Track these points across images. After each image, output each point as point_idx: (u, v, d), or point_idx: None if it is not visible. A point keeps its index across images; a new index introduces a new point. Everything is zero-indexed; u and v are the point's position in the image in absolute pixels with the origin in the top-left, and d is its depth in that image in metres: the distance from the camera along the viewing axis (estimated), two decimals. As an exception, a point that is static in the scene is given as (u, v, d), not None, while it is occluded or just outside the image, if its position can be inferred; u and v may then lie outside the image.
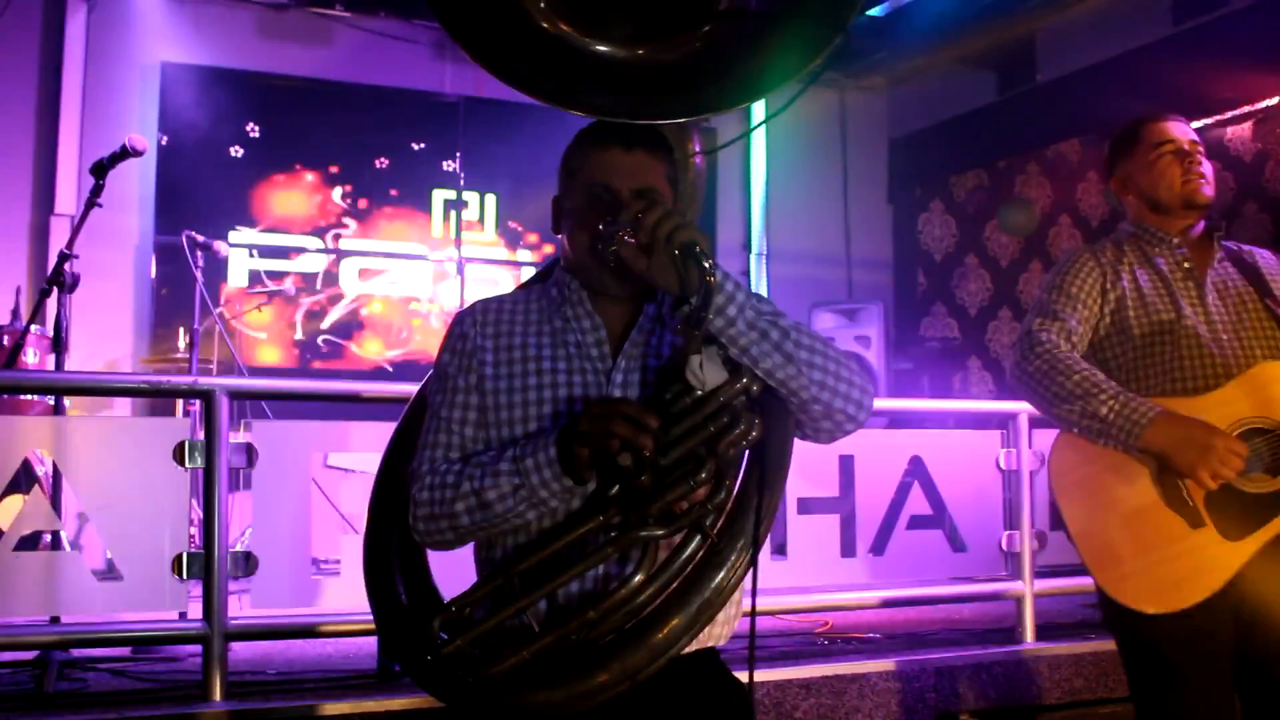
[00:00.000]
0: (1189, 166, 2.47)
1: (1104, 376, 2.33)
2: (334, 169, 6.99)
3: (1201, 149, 2.52)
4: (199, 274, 5.26)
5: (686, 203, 1.91)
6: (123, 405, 5.94)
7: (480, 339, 1.74)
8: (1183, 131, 2.52)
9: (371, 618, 3.12)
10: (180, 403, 5.14)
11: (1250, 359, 2.35)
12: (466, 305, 1.83)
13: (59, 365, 3.69)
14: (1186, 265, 2.47)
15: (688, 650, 1.60)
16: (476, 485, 1.60)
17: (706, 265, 1.52)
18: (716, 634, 1.72)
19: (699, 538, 1.55)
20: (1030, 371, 2.38)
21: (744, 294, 1.59)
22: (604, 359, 1.70)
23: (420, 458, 1.71)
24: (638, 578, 1.52)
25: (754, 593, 1.60)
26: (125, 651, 3.37)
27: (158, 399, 5.27)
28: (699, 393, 1.55)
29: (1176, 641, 2.23)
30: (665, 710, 1.63)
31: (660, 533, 1.52)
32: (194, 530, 4.32)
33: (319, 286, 6.94)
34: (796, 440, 1.69)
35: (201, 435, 3.03)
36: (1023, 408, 3.76)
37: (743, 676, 1.68)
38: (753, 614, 1.60)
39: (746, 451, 1.60)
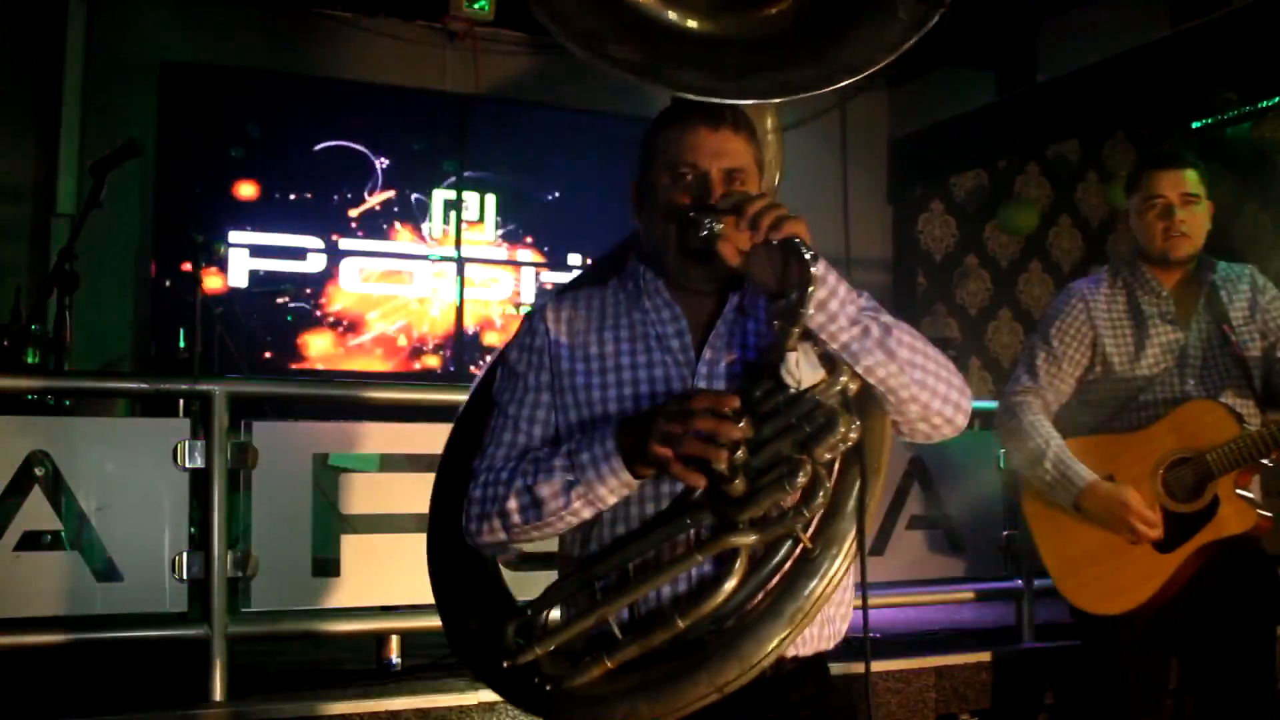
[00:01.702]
0: (1170, 224, 2.74)
1: (1053, 443, 2.73)
2: (334, 169, 6.98)
3: (1194, 198, 2.75)
4: (199, 274, 5.27)
5: (770, 185, 1.82)
6: (123, 405, 5.94)
7: (554, 335, 1.65)
8: (1175, 184, 2.75)
9: (369, 617, 3.14)
10: (180, 403, 5.13)
11: (1198, 396, 2.72)
12: (538, 302, 1.77)
13: (59, 365, 3.69)
14: (1170, 315, 2.78)
15: (793, 655, 1.54)
16: (529, 481, 1.51)
17: (809, 258, 1.43)
18: (826, 635, 1.63)
19: (791, 543, 1.47)
20: (1004, 429, 2.87)
21: (845, 288, 1.51)
22: (686, 351, 1.61)
23: (483, 455, 1.63)
24: (729, 585, 1.44)
25: (864, 594, 1.52)
26: (125, 652, 3.36)
27: (157, 399, 5.26)
28: (793, 391, 1.46)
29: (1125, 641, 2.68)
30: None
31: (752, 539, 1.44)
32: (194, 530, 4.32)
33: (319, 287, 6.94)
34: None
35: (201, 436, 3.03)
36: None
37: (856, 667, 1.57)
38: (864, 610, 1.52)
39: (843, 453, 1.50)
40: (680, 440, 1.40)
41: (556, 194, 7.36)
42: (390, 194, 7.10)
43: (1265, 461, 2.60)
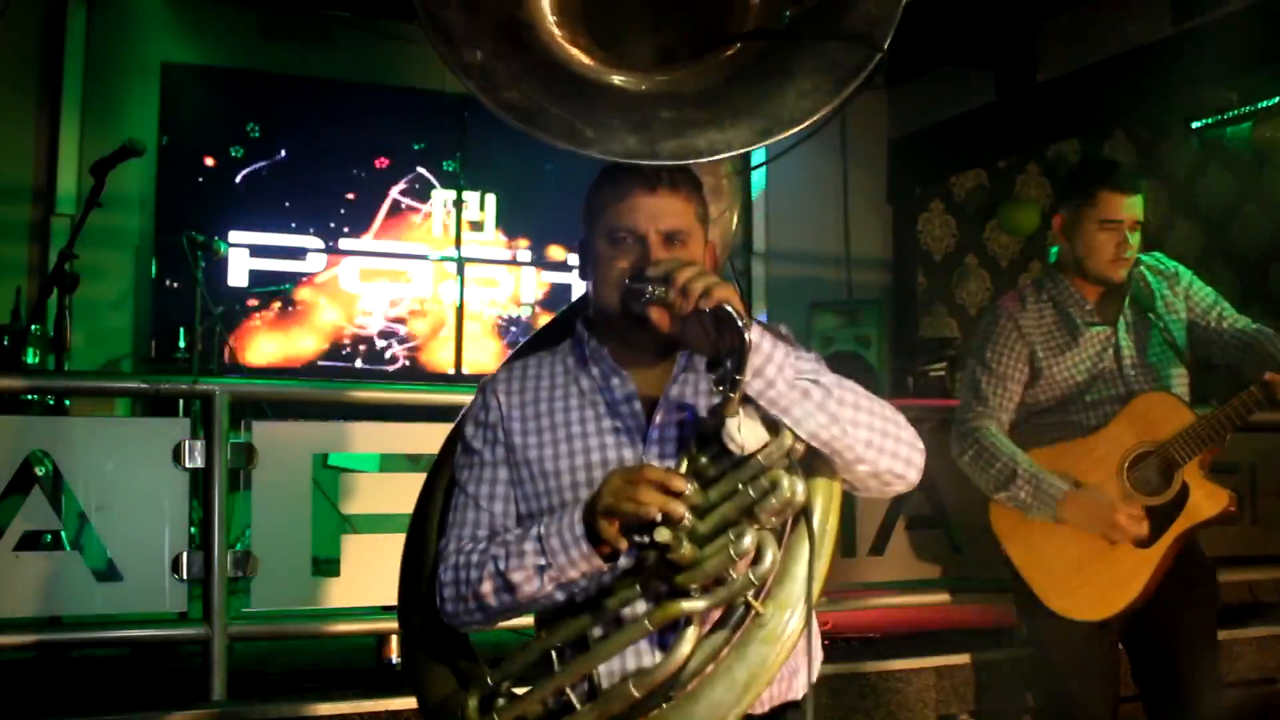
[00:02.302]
0: (1120, 250, 2.76)
1: (1019, 460, 2.72)
2: (334, 169, 6.98)
3: (1139, 225, 2.79)
4: (199, 274, 5.27)
5: (724, 245, 1.80)
6: (123, 405, 5.94)
7: (506, 408, 1.66)
8: (1131, 209, 2.77)
9: (369, 617, 3.14)
10: (180, 403, 5.14)
11: (1151, 389, 2.75)
12: (487, 378, 1.75)
13: (59, 365, 3.69)
14: (1096, 317, 2.81)
15: (763, 710, 1.56)
16: (501, 566, 1.53)
17: (741, 325, 1.42)
18: (796, 686, 1.64)
19: (744, 609, 1.47)
20: (965, 462, 2.85)
21: (783, 352, 1.50)
22: (636, 417, 1.62)
23: (448, 537, 1.66)
24: (681, 653, 1.45)
25: (809, 658, 1.53)
26: (125, 651, 3.37)
27: (158, 399, 5.27)
28: (737, 455, 1.46)
29: (1085, 639, 2.70)
30: None
31: (701, 605, 1.44)
32: (194, 530, 4.32)
33: (319, 287, 6.94)
34: None
35: (201, 436, 3.04)
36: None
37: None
38: (810, 685, 1.55)
39: (791, 516, 1.50)
40: (630, 495, 1.43)
41: (556, 194, 7.36)
42: (390, 194, 7.11)
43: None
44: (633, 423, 1.61)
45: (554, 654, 1.53)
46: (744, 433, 1.44)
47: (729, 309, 1.43)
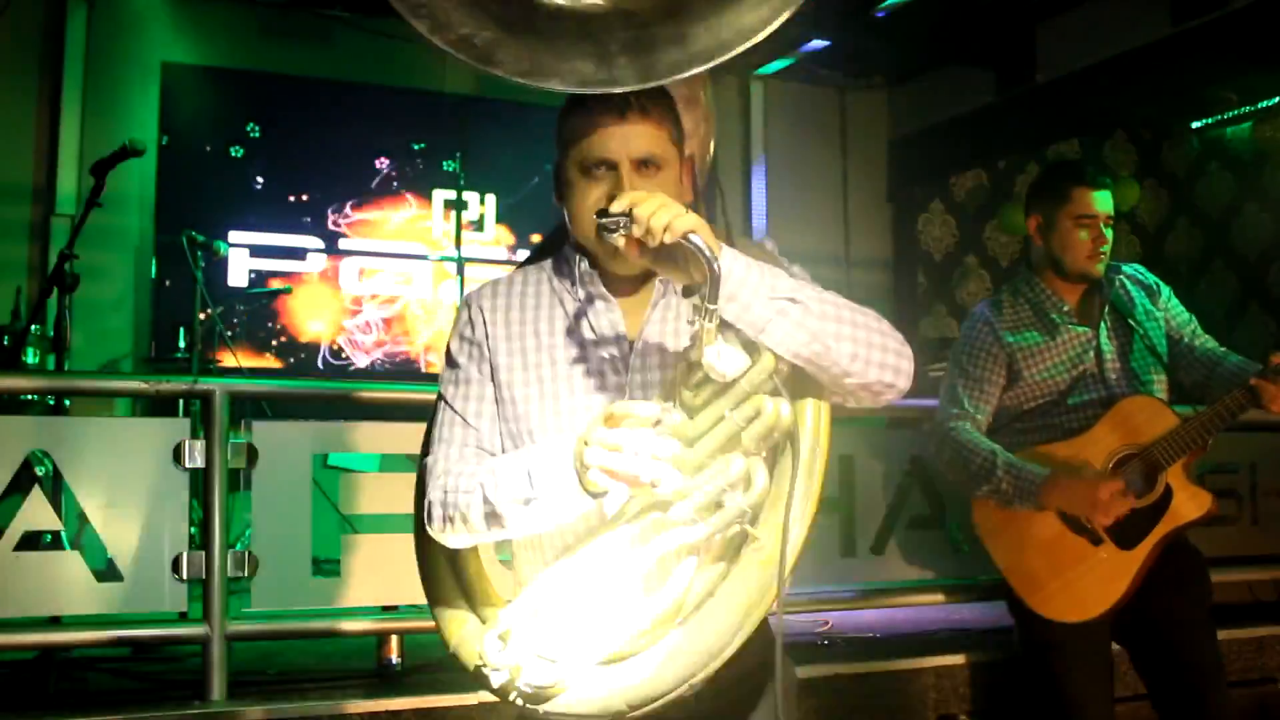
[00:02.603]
0: (1097, 244, 2.80)
1: (998, 453, 2.72)
2: (334, 169, 6.98)
3: (1113, 220, 2.83)
4: (199, 274, 5.27)
5: (701, 157, 1.76)
6: (123, 405, 5.94)
7: (490, 325, 1.66)
8: (1103, 204, 2.81)
9: (369, 617, 3.13)
10: (180, 403, 5.14)
11: (1134, 393, 2.76)
12: (473, 289, 1.73)
13: (59, 365, 3.69)
14: (1078, 322, 2.83)
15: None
16: (490, 495, 1.52)
17: (708, 255, 1.40)
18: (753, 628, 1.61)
19: (739, 534, 1.47)
20: (944, 461, 2.85)
21: (756, 273, 1.47)
22: (620, 342, 1.62)
23: (435, 453, 1.64)
24: (681, 581, 1.47)
25: (780, 578, 1.47)
26: (125, 651, 3.37)
27: (158, 399, 5.27)
28: (720, 381, 1.44)
29: (1076, 640, 2.69)
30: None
31: (697, 530, 1.44)
32: (194, 530, 4.32)
33: (318, 286, 6.94)
34: None
35: (201, 435, 3.03)
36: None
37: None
38: (779, 588, 1.48)
39: (779, 439, 1.48)
40: (611, 460, 1.40)
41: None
42: (390, 194, 7.11)
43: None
44: (616, 350, 1.61)
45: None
46: (724, 360, 1.43)
47: (694, 240, 1.40)
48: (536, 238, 7.30)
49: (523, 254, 7.30)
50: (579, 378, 1.60)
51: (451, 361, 1.68)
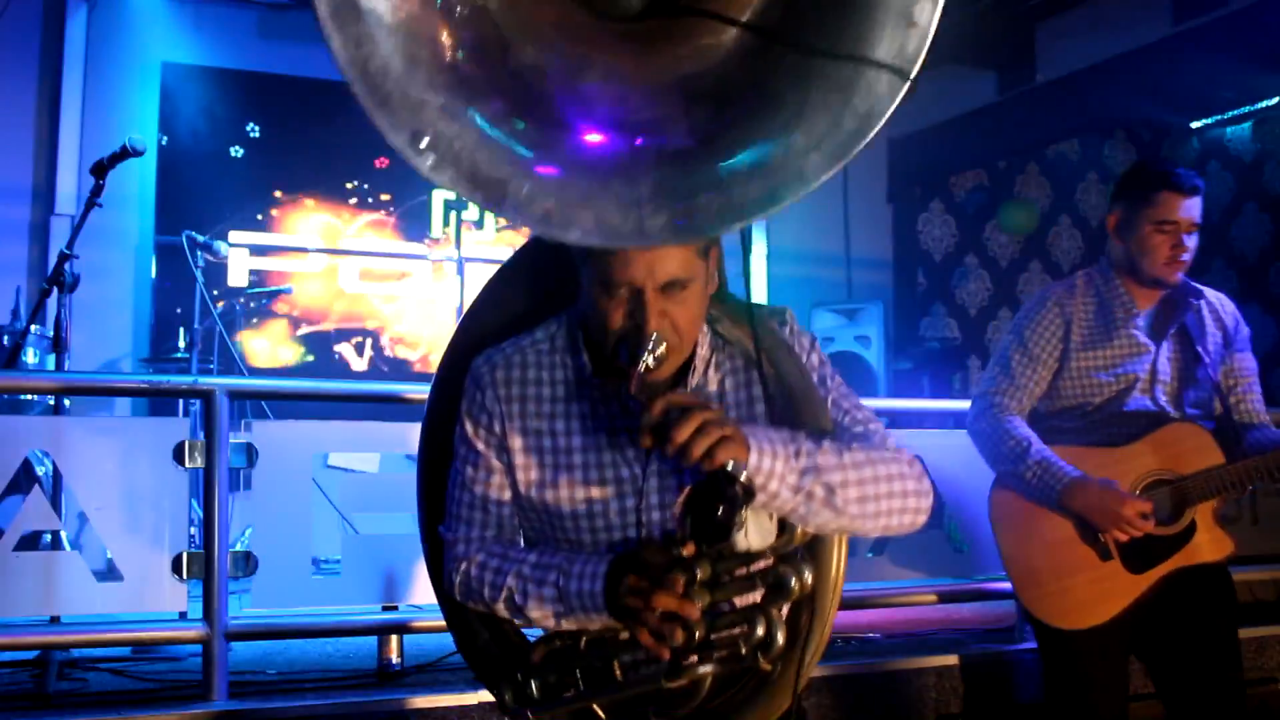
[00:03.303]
0: (1176, 252, 2.68)
1: (1034, 441, 2.66)
2: (333, 169, 6.98)
3: (1198, 226, 2.71)
4: (199, 274, 5.27)
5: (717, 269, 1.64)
6: (123, 405, 5.94)
7: (505, 420, 1.61)
8: (1189, 211, 2.68)
9: (370, 617, 3.13)
10: (180, 403, 5.13)
11: (1180, 416, 2.68)
12: (481, 359, 1.65)
13: (59, 365, 3.69)
14: (1143, 326, 2.73)
15: None
16: (519, 601, 1.57)
17: (744, 487, 1.39)
18: None
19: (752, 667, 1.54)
20: (978, 431, 2.79)
21: (782, 461, 1.47)
22: (638, 450, 1.58)
23: (455, 530, 1.65)
24: (694, 701, 1.52)
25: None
26: (125, 651, 3.37)
27: (158, 399, 5.27)
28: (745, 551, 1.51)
29: (1084, 651, 2.62)
30: None
31: (709, 669, 1.50)
32: (194, 530, 4.32)
33: (318, 287, 6.94)
34: None
35: (201, 435, 3.03)
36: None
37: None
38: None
39: None
40: (642, 614, 1.46)
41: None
42: (390, 194, 7.11)
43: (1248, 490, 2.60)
44: (635, 455, 1.59)
45: (577, 673, 1.58)
46: (751, 537, 1.50)
47: (724, 477, 1.39)
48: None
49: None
50: (595, 488, 1.59)
51: (468, 441, 1.64)
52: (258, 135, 6.81)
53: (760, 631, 1.47)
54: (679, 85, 1.34)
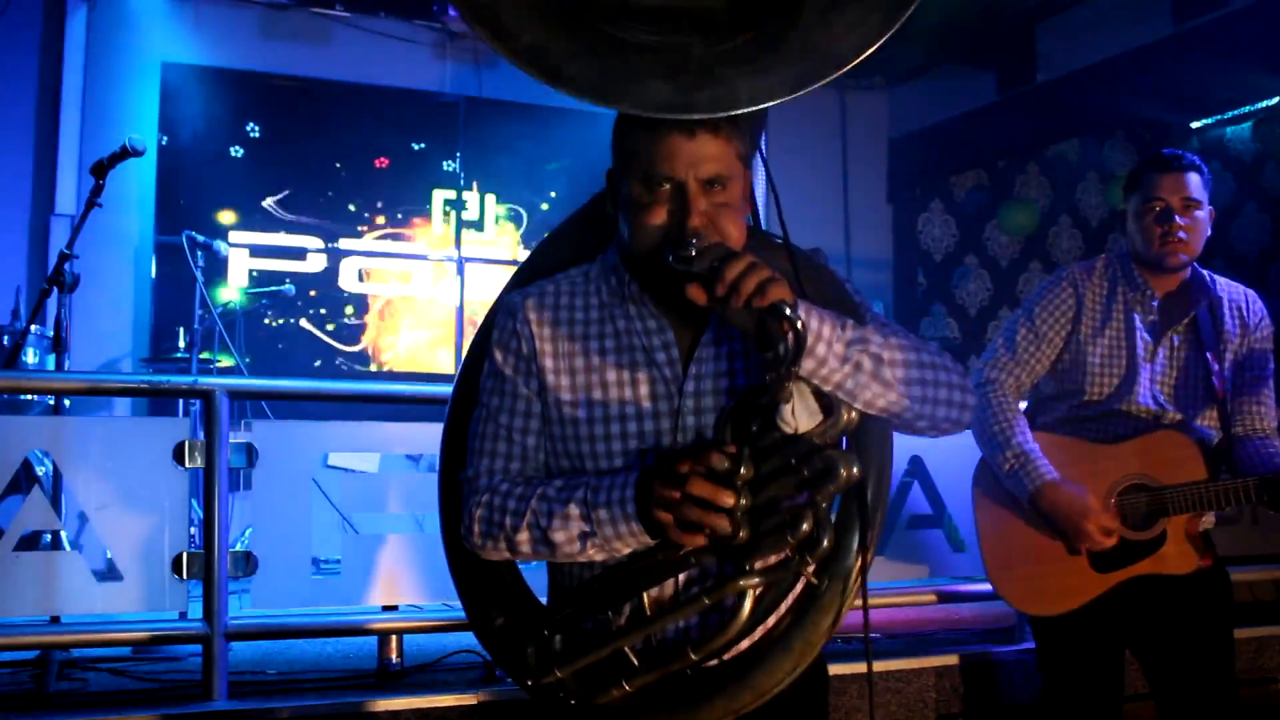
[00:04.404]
0: (1168, 229, 2.62)
1: (1019, 429, 2.63)
2: (334, 169, 6.99)
3: (1196, 203, 2.64)
4: (199, 274, 5.27)
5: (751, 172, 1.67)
6: (123, 405, 5.94)
7: (537, 342, 1.58)
8: (1176, 188, 2.64)
9: (370, 617, 3.13)
10: (180, 403, 5.14)
11: (1176, 423, 2.64)
12: (516, 291, 1.64)
13: (59, 365, 3.69)
14: (1153, 320, 2.68)
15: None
16: (543, 523, 1.49)
17: (793, 321, 1.35)
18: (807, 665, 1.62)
19: (799, 580, 1.48)
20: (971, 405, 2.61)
21: (830, 326, 1.45)
22: (673, 364, 1.55)
23: (477, 465, 1.59)
24: (738, 623, 1.45)
25: (865, 633, 1.47)
26: (125, 651, 3.36)
27: (158, 399, 5.27)
28: (789, 434, 1.41)
29: (1062, 638, 2.65)
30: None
31: (757, 581, 1.43)
32: (194, 530, 4.32)
33: (319, 287, 6.94)
34: None
35: (201, 435, 3.03)
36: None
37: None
38: (868, 654, 1.49)
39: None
40: (677, 506, 1.39)
41: (556, 194, 7.37)
42: (390, 194, 7.11)
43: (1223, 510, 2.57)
44: (669, 370, 1.54)
45: (610, 614, 1.51)
46: (798, 415, 1.41)
47: (784, 308, 1.36)
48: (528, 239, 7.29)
49: (523, 254, 7.28)
50: (630, 402, 1.55)
51: (497, 371, 1.61)
52: (258, 135, 6.81)
53: (806, 526, 1.38)
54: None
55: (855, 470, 1.39)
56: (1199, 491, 2.52)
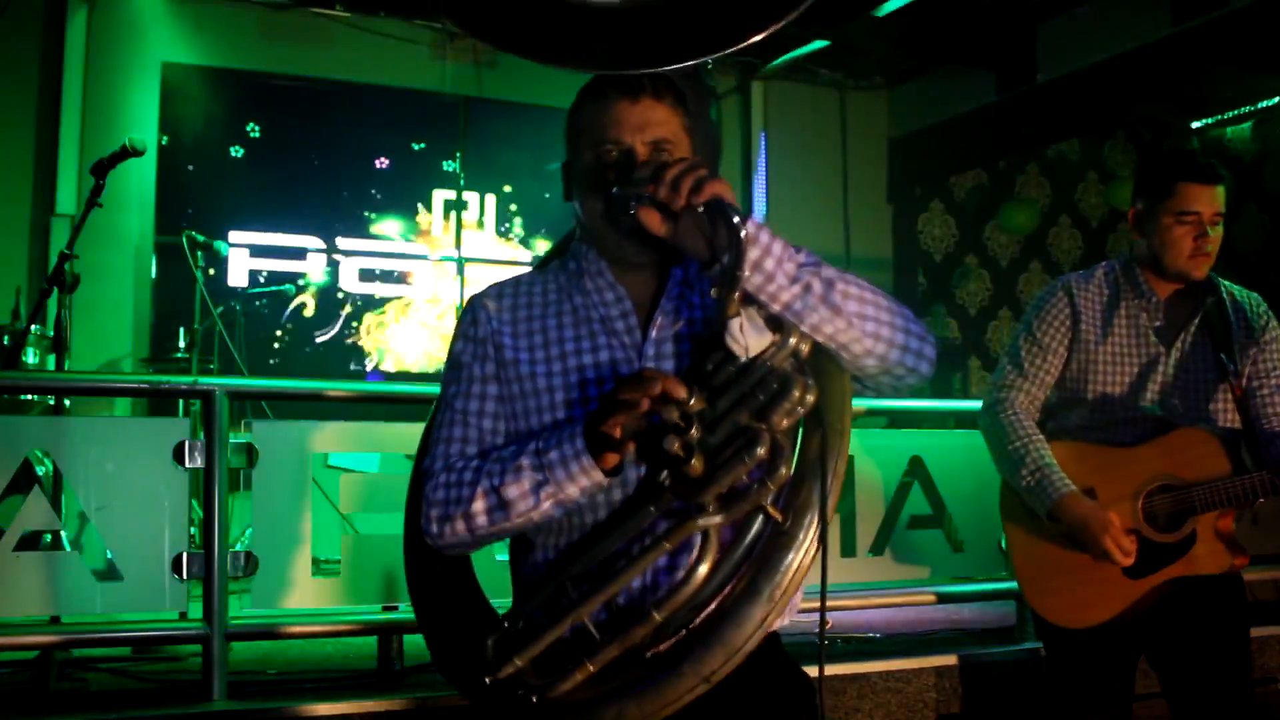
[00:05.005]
0: (1200, 244, 2.61)
1: (1035, 445, 2.62)
2: (334, 169, 6.99)
3: (1221, 217, 2.63)
4: (199, 274, 5.27)
5: (705, 155, 1.70)
6: (123, 405, 5.93)
7: (496, 323, 1.61)
8: (1211, 201, 2.62)
9: (370, 617, 3.13)
10: (180, 403, 5.13)
11: (1190, 420, 2.62)
12: (477, 292, 1.68)
13: (59, 365, 3.69)
14: (1160, 324, 2.68)
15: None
16: (496, 482, 1.46)
17: (736, 220, 1.36)
18: (778, 618, 1.51)
19: (762, 518, 1.40)
20: (984, 426, 2.75)
21: (780, 244, 1.44)
22: (631, 332, 1.57)
23: (433, 454, 1.59)
24: (702, 569, 1.38)
25: (824, 572, 1.41)
26: (125, 651, 3.36)
27: (158, 399, 5.27)
28: (742, 359, 1.40)
29: (1083, 650, 2.61)
30: (733, 706, 1.51)
31: (718, 519, 1.37)
32: (194, 530, 4.32)
33: (319, 287, 6.94)
34: None
35: (201, 435, 3.03)
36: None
37: (810, 670, 1.55)
38: (823, 596, 1.42)
39: (803, 417, 1.44)
40: (624, 414, 1.37)
41: (556, 194, 7.37)
42: (390, 194, 7.11)
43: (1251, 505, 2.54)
44: (628, 338, 1.57)
45: (569, 585, 1.44)
46: (747, 334, 1.40)
47: (723, 201, 1.38)
48: (540, 242, 7.30)
49: (523, 254, 7.29)
50: (590, 371, 1.55)
51: (454, 362, 1.63)
52: (258, 135, 6.81)
53: (762, 450, 1.34)
54: None
55: (810, 389, 1.39)
56: (1227, 488, 2.50)
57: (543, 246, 7.40)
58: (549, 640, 1.43)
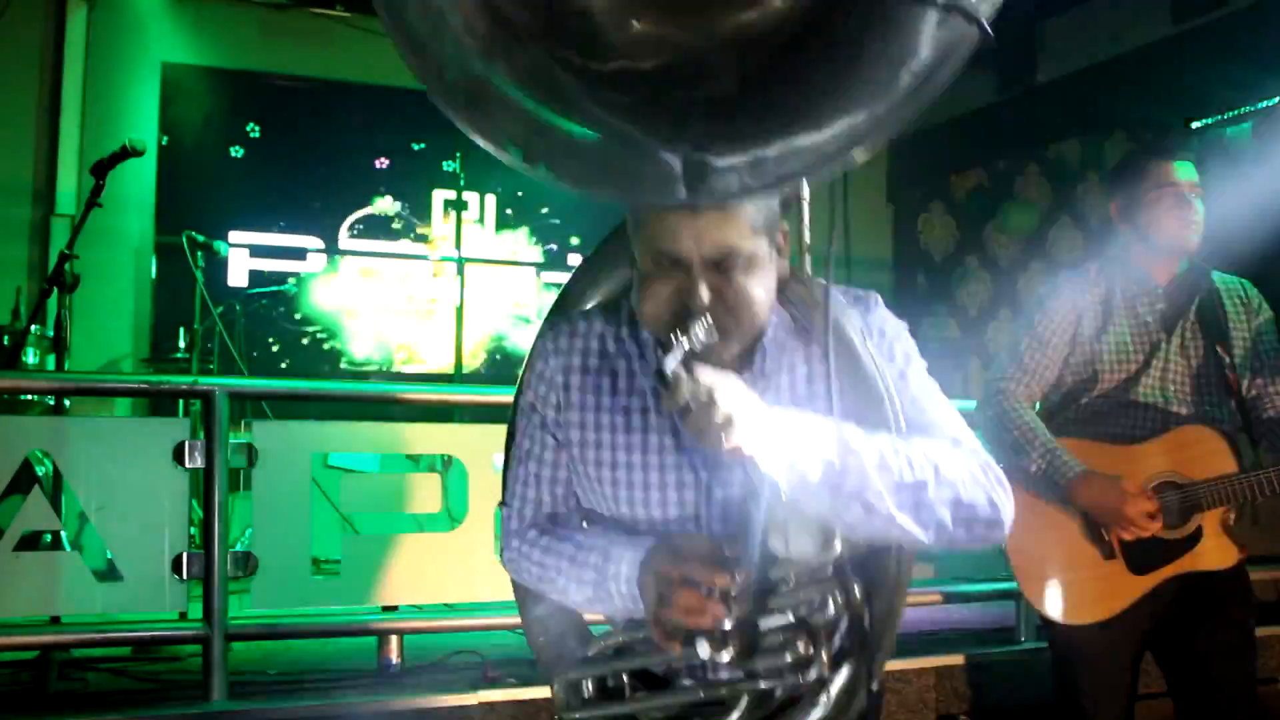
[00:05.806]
0: (1184, 212, 2.62)
1: (1041, 432, 2.61)
2: (334, 169, 6.99)
3: (1199, 190, 2.65)
4: (199, 274, 5.27)
5: (773, 238, 1.55)
6: (123, 405, 5.93)
7: (561, 393, 1.57)
8: (1186, 174, 2.64)
9: (370, 617, 3.13)
10: (180, 403, 5.13)
11: (1193, 416, 2.62)
12: (545, 327, 1.62)
13: (59, 365, 3.69)
14: (1161, 309, 2.67)
15: None
16: (562, 582, 1.53)
17: (769, 482, 1.32)
18: None
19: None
20: (984, 420, 2.72)
21: (813, 466, 1.34)
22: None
23: (510, 504, 1.62)
24: (734, 716, 1.44)
25: None
26: (125, 652, 3.37)
27: (158, 399, 5.27)
28: (783, 557, 1.38)
29: (1085, 646, 2.60)
30: None
31: (751, 686, 1.42)
32: (194, 530, 4.32)
33: (319, 286, 6.94)
34: None
35: (201, 435, 3.03)
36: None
37: None
38: None
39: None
40: (658, 611, 1.37)
41: (556, 194, 7.37)
42: (390, 194, 7.11)
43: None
44: (697, 455, 1.51)
45: (624, 679, 1.54)
46: (792, 542, 1.35)
47: (749, 461, 1.32)
48: (528, 240, 7.29)
49: (523, 254, 7.28)
50: (654, 471, 1.53)
51: (527, 414, 1.61)
52: (258, 135, 6.82)
53: (801, 648, 1.37)
54: (732, 32, 1.21)
55: (855, 599, 1.39)
56: (1232, 484, 2.51)
57: (543, 247, 7.40)
58: (605, 714, 1.54)
